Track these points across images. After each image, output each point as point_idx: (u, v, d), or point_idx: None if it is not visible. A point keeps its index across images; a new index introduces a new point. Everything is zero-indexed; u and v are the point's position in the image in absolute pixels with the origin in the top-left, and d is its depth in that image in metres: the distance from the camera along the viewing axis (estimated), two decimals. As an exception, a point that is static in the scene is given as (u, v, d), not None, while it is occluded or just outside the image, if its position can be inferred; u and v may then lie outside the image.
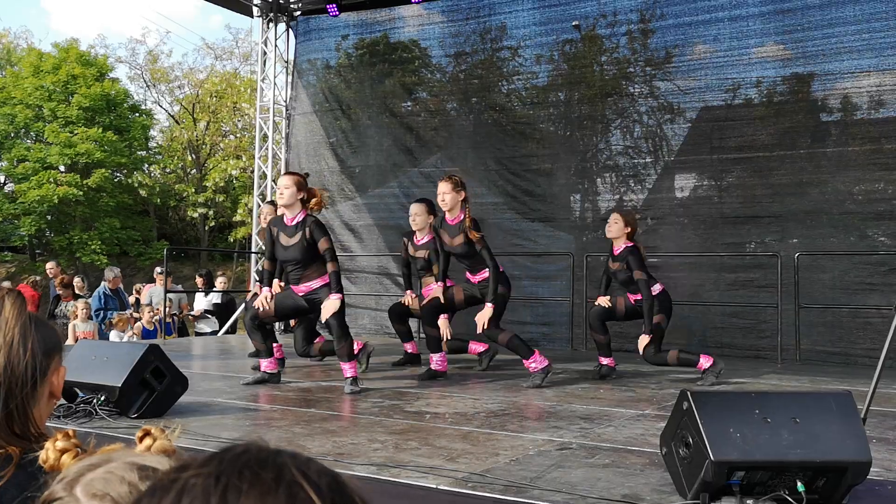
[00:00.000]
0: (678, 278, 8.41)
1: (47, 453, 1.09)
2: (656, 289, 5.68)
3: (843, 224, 7.68)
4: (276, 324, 6.46)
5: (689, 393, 2.54)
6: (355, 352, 5.33)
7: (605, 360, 5.96)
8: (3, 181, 24.37)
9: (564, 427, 3.93)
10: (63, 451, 1.09)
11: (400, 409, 4.47)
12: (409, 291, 6.53)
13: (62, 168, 21.55)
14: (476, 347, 6.49)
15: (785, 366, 6.98)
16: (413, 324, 6.99)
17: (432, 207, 6.09)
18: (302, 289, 5.21)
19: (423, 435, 3.68)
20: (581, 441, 3.59)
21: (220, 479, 0.51)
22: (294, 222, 5.15)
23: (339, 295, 5.03)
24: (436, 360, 5.68)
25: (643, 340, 5.53)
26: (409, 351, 6.65)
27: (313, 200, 5.24)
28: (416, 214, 6.15)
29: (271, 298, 5.25)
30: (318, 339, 6.36)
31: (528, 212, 9.17)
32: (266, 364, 5.34)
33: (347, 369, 5.08)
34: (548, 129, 9.50)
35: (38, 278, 9.29)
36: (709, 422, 2.43)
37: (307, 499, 0.51)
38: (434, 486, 2.79)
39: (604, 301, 5.89)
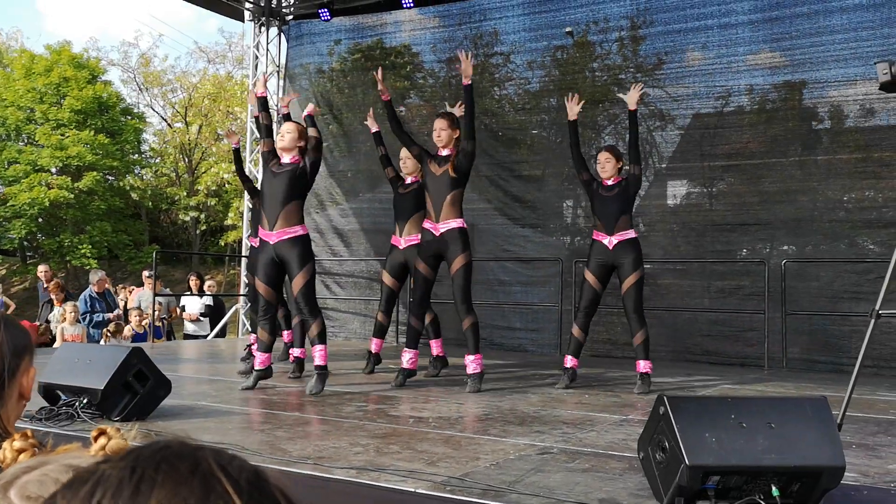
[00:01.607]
0: (668, 285, 8.45)
1: (4, 453, 1.09)
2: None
3: (832, 232, 7.72)
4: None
5: (665, 398, 2.55)
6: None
7: (571, 362, 5.67)
8: (-6, 184, 24.29)
9: (547, 432, 3.93)
10: (20, 451, 1.09)
11: (384, 413, 4.46)
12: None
13: (53, 171, 21.47)
14: (435, 349, 6.29)
15: (771, 373, 7.01)
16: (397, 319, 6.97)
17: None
18: (274, 237, 5.19)
19: (405, 439, 3.68)
20: (562, 446, 3.59)
21: (136, 471, 0.51)
22: (289, 161, 5.30)
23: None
24: (408, 359, 5.55)
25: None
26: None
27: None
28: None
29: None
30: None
31: (518, 217, 9.19)
32: (261, 360, 5.29)
33: (320, 355, 5.08)
34: (539, 135, 9.52)
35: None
36: (684, 427, 2.43)
37: (223, 492, 0.51)
38: (412, 490, 2.79)
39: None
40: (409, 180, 6.31)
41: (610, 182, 5.62)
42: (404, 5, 9.73)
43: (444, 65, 9.92)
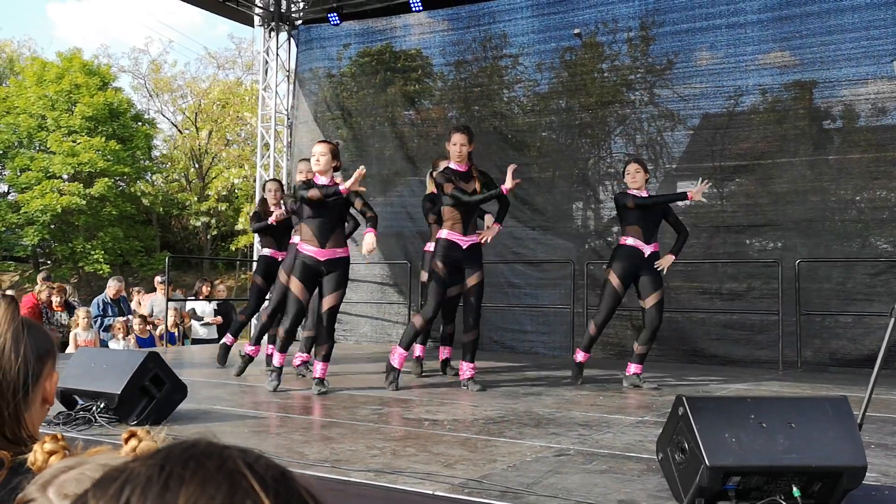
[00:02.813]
0: (679, 287, 8.41)
1: (35, 455, 1.10)
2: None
3: (844, 232, 7.68)
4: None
5: (684, 398, 2.54)
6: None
7: (581, 356, 5.88)
8: (6, 191, 24.44)
9: (563, 433, 3.92)
10: (51, 454, 1.10)
11: (399, 415, 4.47)
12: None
13: (65, 177, 21.59)
14: (418, 351, 6.51)
15: (786, 374, 6.97)
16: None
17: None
18: (327, 253, 5.33)
19: (422, 441, 3.68)
20: (579, 447, 3.59)
21: (164, 468, 0.52)
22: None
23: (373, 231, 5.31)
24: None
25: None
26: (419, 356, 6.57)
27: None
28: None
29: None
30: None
31: (528, 220, 9.18)
32: (278, 358, 5.48)
33: (320, 369, 5.31)
34: (549, 137, 9.51)
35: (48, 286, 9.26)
36: (704, 427, 2.43)
37: (250, 489, 0.51)
38: (431, 493, 2.79)
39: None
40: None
41: (644, 193, 5.75)
42: (413, 9, 9.75)
43: (453, 68, 9.93)
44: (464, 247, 5.56)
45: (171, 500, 0.50)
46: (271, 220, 6.42)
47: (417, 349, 6.45)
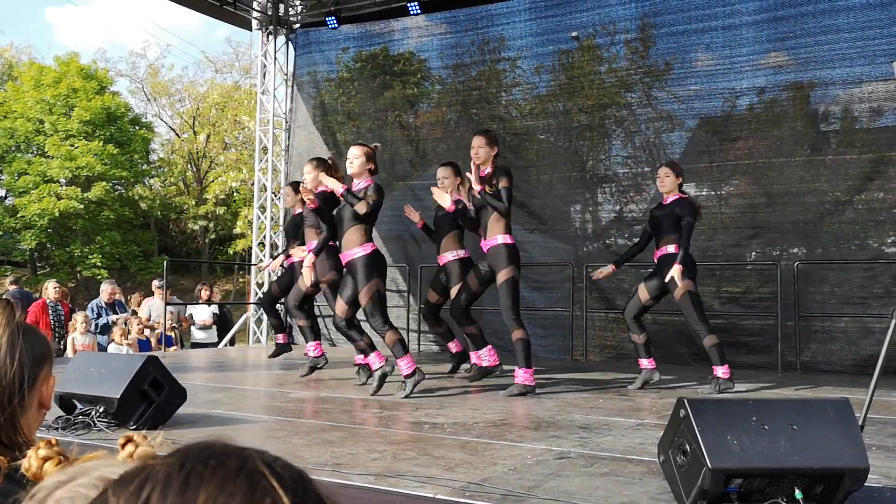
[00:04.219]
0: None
1: (30, 461, 1.09)
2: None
3: (841, 233, 7.67)
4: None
5: (685, 401, 2.53)
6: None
7: (645, 363, 5.87)
8: (3, 195, 24.41)
9: (563, 436, 3.92)
10: (45, 459, 1.09)
11: (399, 419, 4.46)
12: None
13: (63, 181, 21.57)
14: (452, 346, 6.69)
15: (785, 376, 6.96)
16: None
17: (458, 170, 6.27)
18: (346, 255, 5.42)
19: (422, 445, 3.67)
20: (580, 450, 3.58)
21: (184, 467, 0.53)
22: (358, 188, 5.44)
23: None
24: (485, 356, 6.02)
25: (677, 275, 5.50)
26: (455, 351, 6.65)
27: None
28: (444, 177, 6.24)
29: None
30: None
31: (527, 222, 9.17)
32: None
33: (405, 367, 5.27)
34: (547, 139, 9.51)
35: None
36: (706, 429, 2.42)
37: (268, 486, 0.52)
38: (431, 496, 2.79)
39: (606, 271, 6.11)
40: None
41: (669, 200, 5.83)
42: (411, 12, 9.75)
43: (451, 71, 9.93)
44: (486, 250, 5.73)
45: (192, 498, 0.50)
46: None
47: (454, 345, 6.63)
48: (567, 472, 3.15)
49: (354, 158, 5.43)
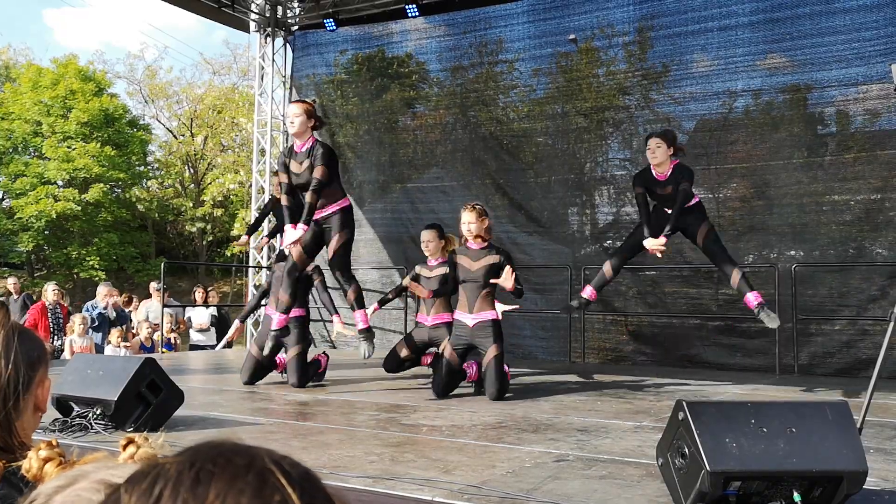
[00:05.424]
0: (674, 292, 8.41)
1: (30, 462, 1.09)
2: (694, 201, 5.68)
3: (839, 236, 7.68)
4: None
5: (684, 403, 2.53)
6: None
7: (587, 293, 5.94)
8: (1, 197, 24.38)
9: (561, 439, 3.91)
10: (46, 461, 1.09)
11: (396, 421, 4.45)
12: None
13: (60, 183, 21.54)
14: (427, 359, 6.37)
15: (783, 378, 6.97)
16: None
17: (443, 232, 6.14)
18: (315, 216, 5.28)
19: (420, 447, 3.66)
20: (578, 453, 3.57)
21: (195, 464, 0.54)
22: (303, 148, 5.25)
23: (305, 227, 5.15)
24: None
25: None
26: (430, 362, 6.35)
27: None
28: (429, 241, 6.04)
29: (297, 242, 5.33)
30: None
31: (525, 224, 9.17)
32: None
33: (360, 320, 5.29)
34: (545, 142, 9.52)
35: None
36: (705, 432, 2.42)
37: (277, 484, 0.53)
38: (429, 499, 2.78)
39: (657, 243, 5.53)
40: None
41: (667, 174, 5.62)
42: (410, 14, 9.76)
43: (449, 73, 9.94)
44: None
45: (202, 495, 0.51)
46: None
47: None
48: (565, 474, 3.14)
49: (295, 117, 5.20)
